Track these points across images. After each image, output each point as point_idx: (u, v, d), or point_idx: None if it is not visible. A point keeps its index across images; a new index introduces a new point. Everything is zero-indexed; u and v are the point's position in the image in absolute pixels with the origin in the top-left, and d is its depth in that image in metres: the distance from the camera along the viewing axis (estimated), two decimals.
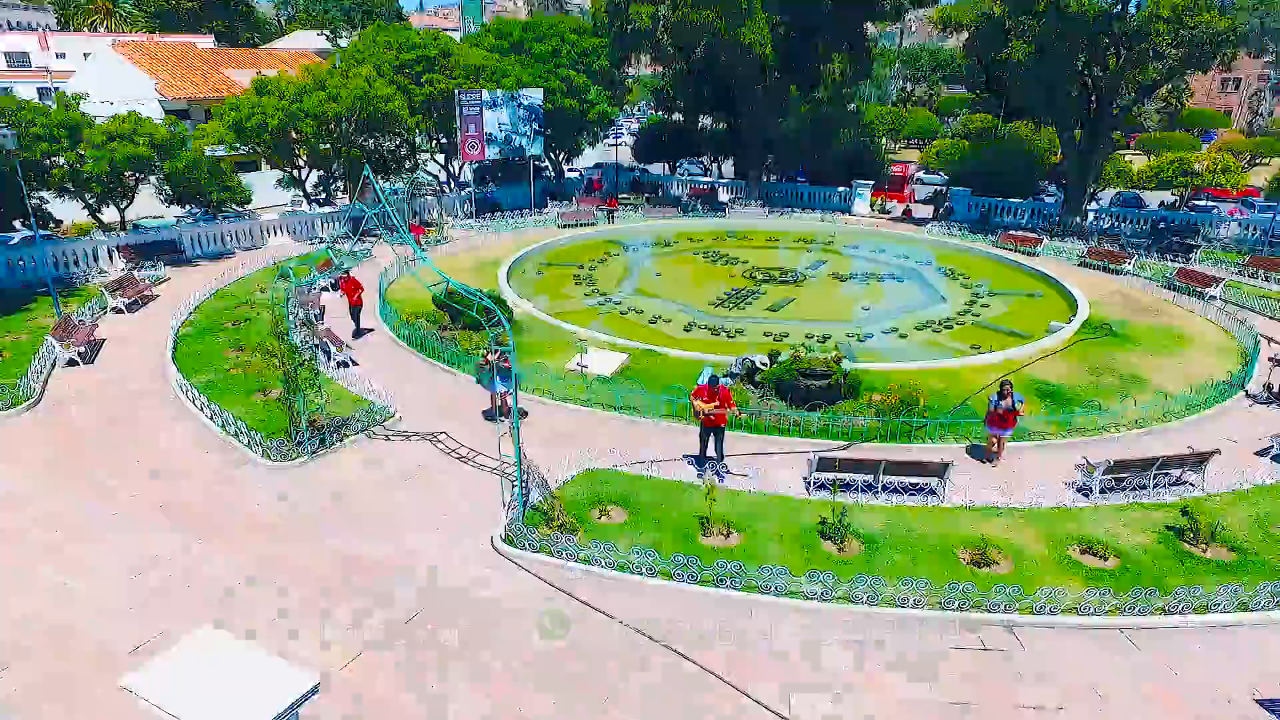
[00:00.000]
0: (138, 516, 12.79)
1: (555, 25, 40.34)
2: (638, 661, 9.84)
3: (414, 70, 34.29)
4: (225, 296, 24.27)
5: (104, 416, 16.31)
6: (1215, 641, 10.36)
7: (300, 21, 73.61)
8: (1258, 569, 11.69)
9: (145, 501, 13.21)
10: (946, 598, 10.62)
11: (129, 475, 14.02)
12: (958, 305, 24.64)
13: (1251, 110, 74.50)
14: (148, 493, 13.46)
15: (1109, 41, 33.08)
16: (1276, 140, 63.71)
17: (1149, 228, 37.04)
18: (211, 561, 11.67)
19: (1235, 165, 46.04)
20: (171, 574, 11.36)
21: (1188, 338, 22.03)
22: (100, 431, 15.69)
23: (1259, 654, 10.14)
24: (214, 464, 14.47)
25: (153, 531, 12.38)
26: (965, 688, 9.48)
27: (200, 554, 11.83)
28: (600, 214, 37.00)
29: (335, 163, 33.01)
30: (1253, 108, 74.46)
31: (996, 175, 40.62)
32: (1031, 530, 12.58)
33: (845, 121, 44.17)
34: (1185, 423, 16.71)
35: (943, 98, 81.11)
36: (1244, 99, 79.44)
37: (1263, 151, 59.89)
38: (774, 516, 12.89)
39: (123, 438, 15.44)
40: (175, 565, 11.56)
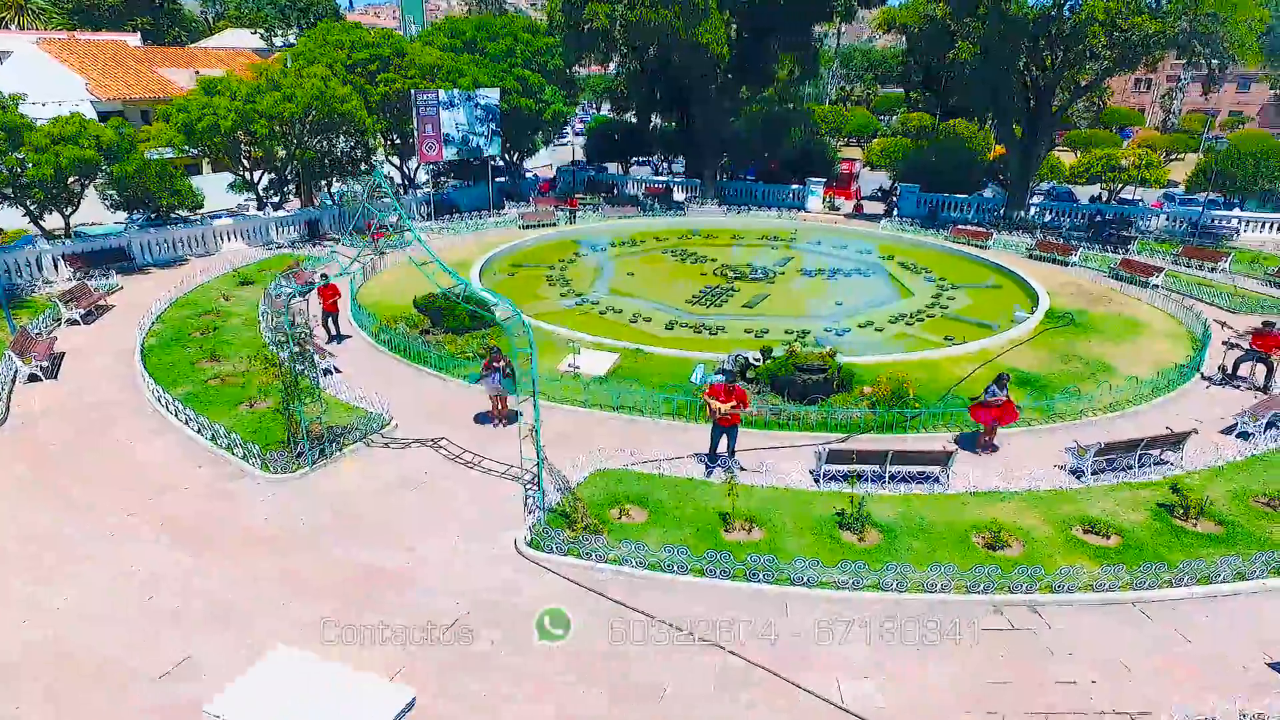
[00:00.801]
0: (135, 535, 12.24)
1: (508, 24, 39.96)
2: (685, 658, 9.89)
3: (368, 70, 33.51)
4: (187, 305, 23.32)
5: (78, 433, 15.54)
6: (1217, 610, 10.96)
7: (230, 19, 70.89)
8: (1245, 540, 12.41)
9: (140, 519, 12.65)
10: (972, 581, 10.99)
11: (116, 493, 13.39)
12: (925, 299, 25.38)
13: (1164, 109, 78.69)
14: (141, 510, 12.89)
15: (1047, 43, 34.55)
16: (1189, 137, 67.63)
17: (1086, 221, 38.81)
18: (225, 579, 11.26)
19: (1158, 161, 48.61)
20: (184, 593, 10.92)
21: (1141, 324, 23.18)
22: (76, 448, 14.95)
23: (1257, 620, 10.76)
24: (207, 478, 13.94)
25: (155, 550, 11.87)
26: (1001, 667, 9.83)
27: (211, 571, 11.40)
28: (562, 214, 36.83)
29: (289, 165, 32.04)
30: (1165, 106, 78.64)
31: (939, 172, 41.92)
32: (1035, 513, 13.09)
33: (795, 120, 45.01)
34: (1152, 405, 17.58)
35: (879, 96, 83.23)
36: (1155, 98, 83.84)
37: (1178, 148, 63.33)
38: (789, 509, 13.10)
39: (102, 454, 14.74)
40: (187, 584, 11.11)
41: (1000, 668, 9.81)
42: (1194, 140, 64.39)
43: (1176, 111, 76.59)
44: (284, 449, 14.37)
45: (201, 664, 9.61)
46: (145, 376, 17.39)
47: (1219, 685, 9.54)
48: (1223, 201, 41.91)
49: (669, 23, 33.69)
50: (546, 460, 12.78)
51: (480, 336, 20.54)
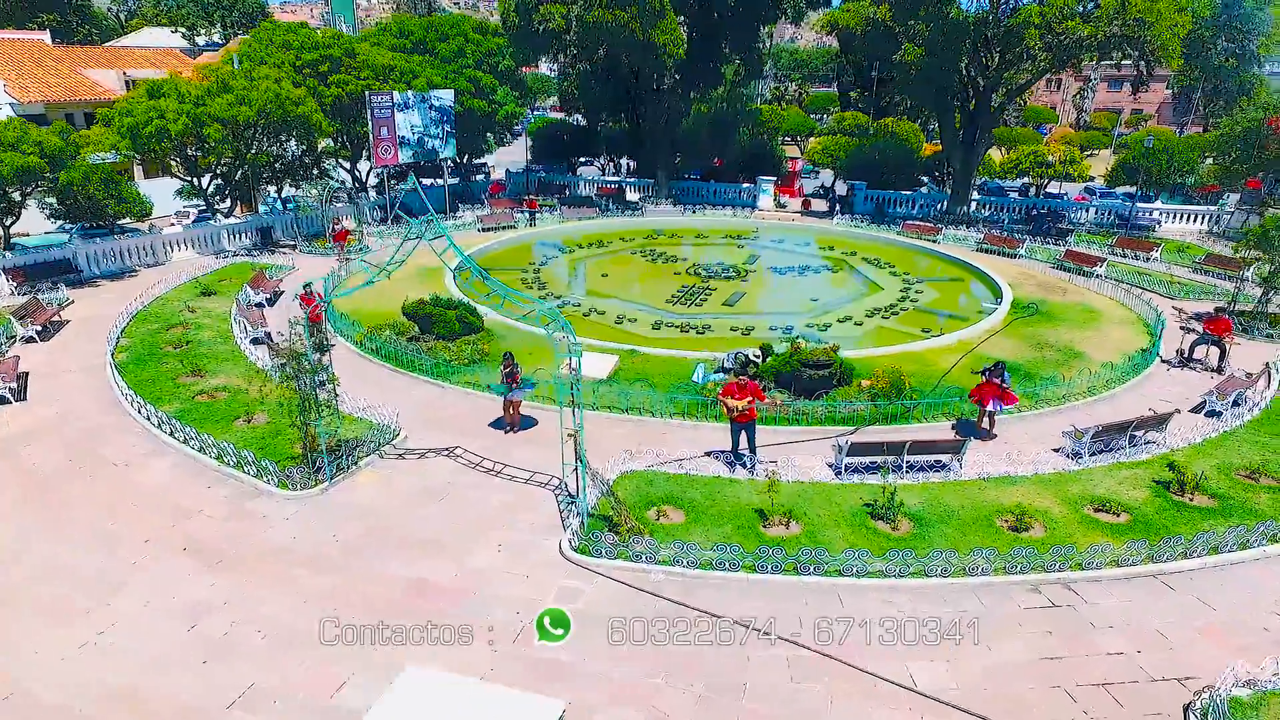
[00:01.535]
0: (160, 562, 11.70)
1: (458, 24, 39.36)
2: (756, 654, 10.07)
3: (318, 71, 32.51)
4: (150, 318, 22.22)
5: (68, 457, 14.69)
6: (1227, 578, 11.75)
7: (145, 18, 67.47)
8: (1238, 511, 13.31)
9: (161, 545, 12.09)
10: (1010, 563, 11.51)
11: (128, 519, 12.75)
12: (894, 293, 26.22)
13: (1076, 107, 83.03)
14: (160, 536, 12.31)
15: (986, 45, 36.11)
16: (1101, 134, 71.65)
17: (1023, 215, 40.70)
18: (268, 602, 10.88)
19: (1080, 156, 51.36)
20: (230, 620, 10.50)
21: (1097, 312, 24.51)
22: (70, 474, 14.14)
23: (1265, 585, 11.56)
24: (221, 498, 13.40)
25: (186, 576, 11.37)
26: (1051, 642, 10.35)
27: (251, 595, 10.99)
28: (521, 216, 36.51)
29: (238, 169, 30.83)
30: (1076, 105, 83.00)
31: (882, 170, 43.24)
32: (1047, 495, 13.76)
33: (744, 120, 45.73)
34: (1125, 388, 18.66)
35: (810, 96, 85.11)
36: (1066, 97, 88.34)
37: (1092, 144, 66.93)
38: (818, 502, 13.42)
39: (100, 479, 13.99)
40: (230, 610, 10.69)
41: (1052, 643, 10.32)
42: (1106, 137, 68.12)
43: (1087, 110, 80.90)
44: (299, 465, 13.92)
45: (267, 690, 9.30)
46: (131, 395, 16.52)
47: (1247, 647, 10.25)
48: (1139, 195, 44.63)
49: (626, 24, 33.82)
50: (581, 463, 12.75)
51: (471, 342, 20.28)
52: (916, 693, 9.43)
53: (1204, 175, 44.04)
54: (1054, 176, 50.31)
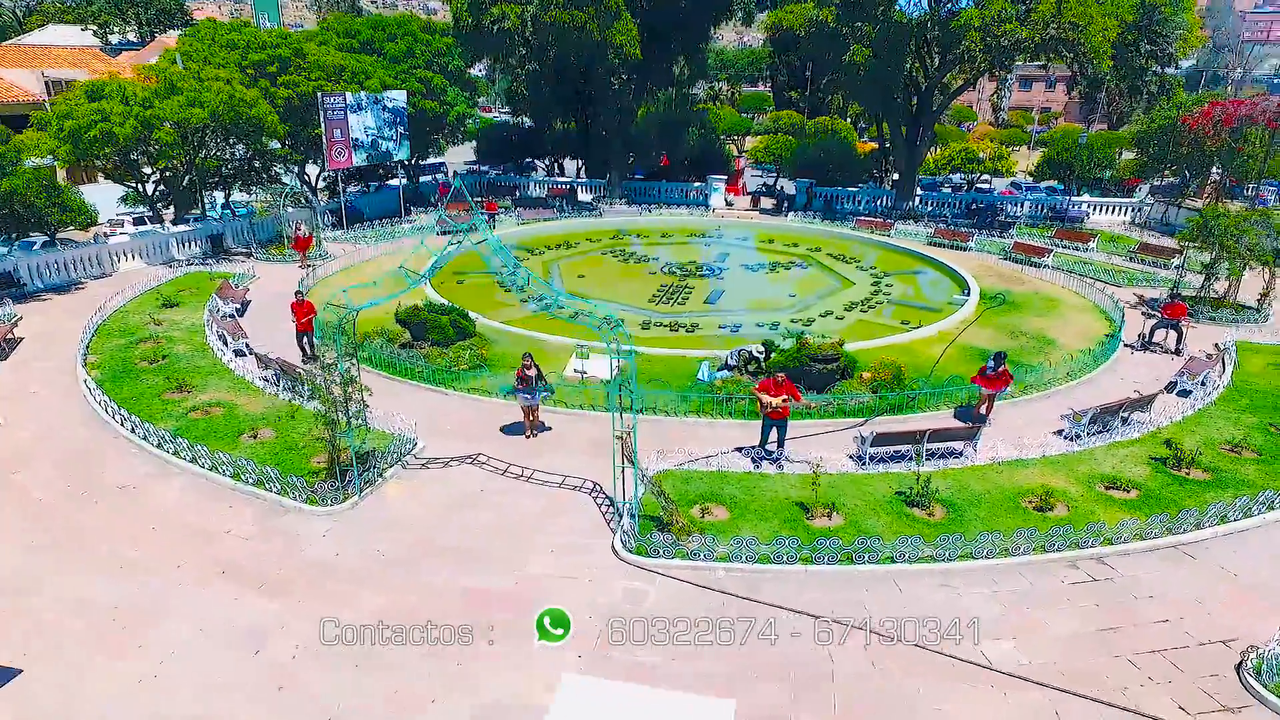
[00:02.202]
0: (200, 587, 11.13)
1: (405, 23, 38.45)
2: (833, 643, 10.27)
3: (267, 71, 31.26)
4: (114, 333, 21.02)
5: (66, 482, 13.81)
6: (1238, 544, 12.55)
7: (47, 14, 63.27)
8: (1233, 483, 14.26)
9: (194, 569, 11.51)
10: (1049, 542, 12.07)
11: (150, 544, 12.09)
12: (866, 287, 26.96)
13: (993, 105, 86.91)
14: (190, 560, 11.71)
15: (928, 47, 37.51)
16: (1018, 130, 75.30)
17: (964, 209, 42.39)
18: (328, 622, 10.48)
19: (1007, 152, 53.89)
20: (294, 643, 10.08)
21: (1056, 300, 25.79)
22: (72, 500, 13.30)
23: (1274, 550, 12.46)
24: (246, 518, 12.83)
25: (232, 601, 10.86)
26: (1102, 615, 10.89)
27: (308, 616, 10.57)
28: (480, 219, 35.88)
29: (186, 175, 29.41)
30: (994, 103, 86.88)
31: (826, 167, 44.34)
32: (1060, 475, 14.45)
33: (693, 120, 46.18)
34: (1100, 372, 19.72)
35: (742, 96, 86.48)
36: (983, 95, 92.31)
37: (1013, 140, 70.22)
38: (851, 492, 13.75)
39: (106, 504, 13.21)
40: (290, 634, 10.26)
41: (1102, 616, 10.87)
42: (1025, 134, 71.56)
43: (1004, 108, 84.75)
44: (325, 479, 13.45)
45: (354, 713, 8.98)
46: (124, 414, 15.60)
47: (1277, 608, 11.04)
48: (1062, 188, 47.13)
49: (584, 24, 33.72)
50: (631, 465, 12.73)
51: (465, 347, 19.92)
52: (995, 670, 9.81)
53: (1121, 170, 46.86)
54: (985, 172, 52.76)
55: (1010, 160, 53.47)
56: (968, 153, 52.35)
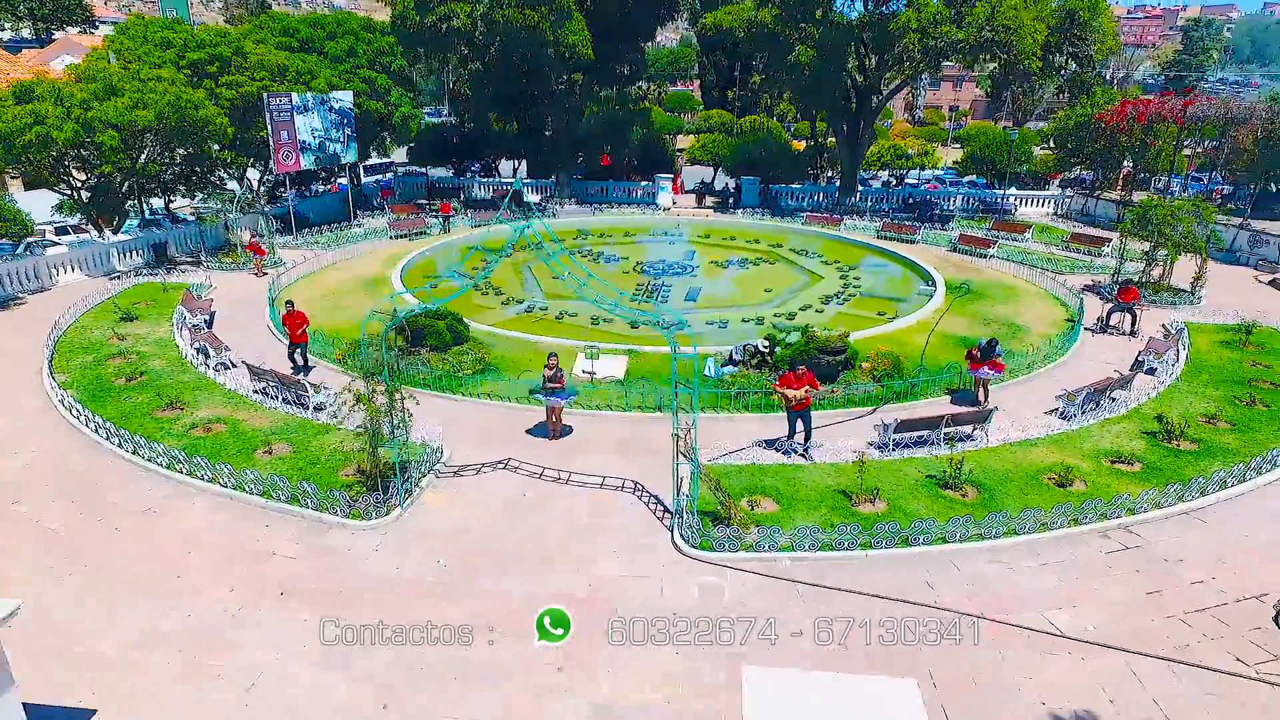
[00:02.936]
0: (263, 610, 10.64)
1: (344, 22, 37.22)
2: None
3: (208, 71, 29.75)
4: (73, 350, 19.72)
5: (75, 510, 12.93)
6: (1240, 508, 13.58)
7: None
8: (1219, 452, 15.43)
9: (251, 592, 10.98)
10: (1081, 515, 12.81)
11: (192, 570, 11.48)
12: (834, 281, 27.75)
13: (908, 104, 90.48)
14: (244, 583, 11.18)
15: (865, 48, 38.87)
16: (934, 127, 78.78)
17: (902, 204, 44.07)
18: (410, 637, 10.18)
19: (932, 149, 56.38)
20: (383, 662, 9.77)
21: (1013, 288, 27.19)
22: (89, 529, 12.47)
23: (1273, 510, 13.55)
24: (287, 537, 12.32)
25: (302, 622, 10.43)
26: (1144, 579, 11.64)
27: (388, 632, 10.25)
28: (434, 222, 35.21)
29: (124, 181, 27.71)
30: (909, 102, 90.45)
31: (765, 165, 45.29)
32: (1068, 452, 15.31)
33: (637, 120, 46.36)
34: (1071, 354, 20.94)
35: (668, 94, 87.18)
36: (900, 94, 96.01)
37: (931, 137, 73.36)
38: (884, 478, 14.21)
39: (129, 531, 12.44)
40: (376, 652, 9.93)
41: (1145, 580, 11.62)
42: (942, 131, 74.85)
43: (920, 106, 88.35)
44: (358, 493, 13.01)
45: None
46: (125, 435, 14.67)
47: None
48: (983, 183, 49.59)
49: (537, 24, 33.48)
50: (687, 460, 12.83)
51: (462, 352, 19.55)
52: (1067, 637, 10.38)
53: (1036, 164, 49.58)
54: (911, 168, 54.99)
55: (935, 156, 56.01)
56: (895, 149, 54.39)
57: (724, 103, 65.23)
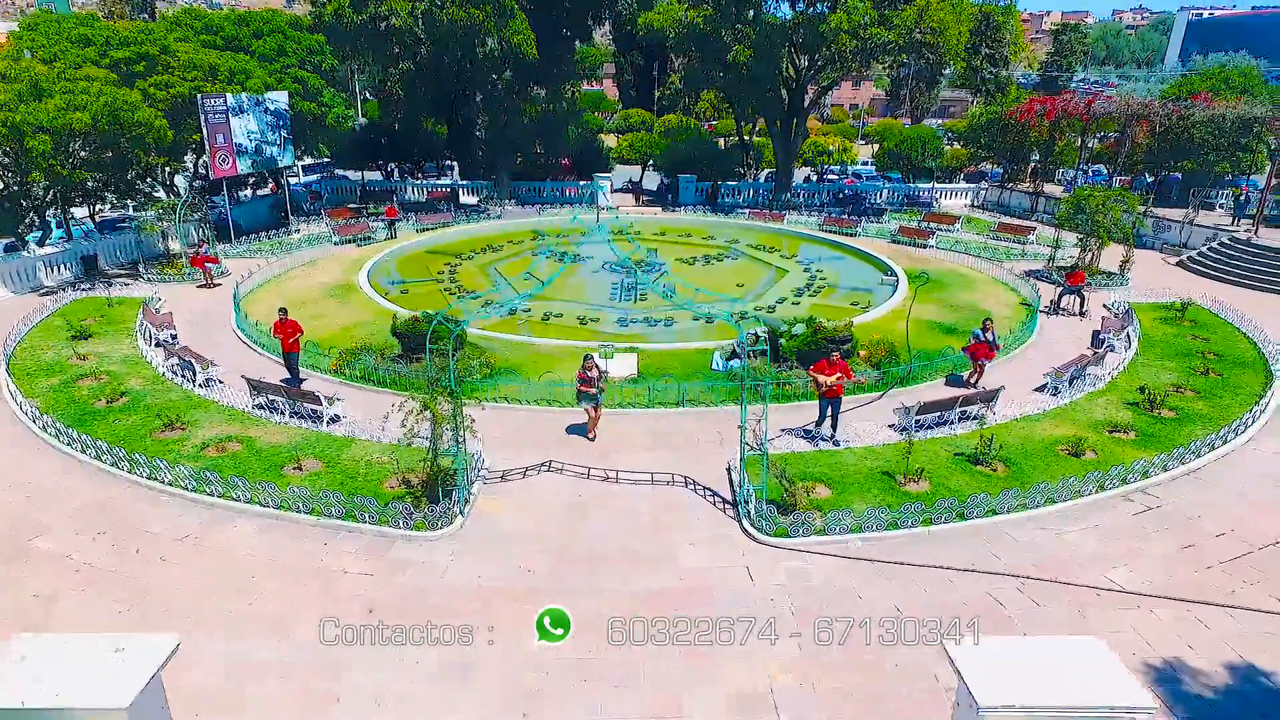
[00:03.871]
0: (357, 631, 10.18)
1: (271, 19, 35.48)
2: (991, 588, 11.24)
3: (134, 70, 27.81)
4: (31, 372, 18.19)
5: (107, 543, 12.02)
6: (1228, 468, 14.91)
7: None
8: (1198, 419, 16.87)
9: (337, 612, 10.49)
10: (1107, 481, 13.81)
11: (263, 594, 10.90)
12: (800, 275, 28.56)
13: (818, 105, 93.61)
14: (325, 606, 10.68)
15: (796, 49, 40.16)
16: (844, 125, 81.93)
17: (833, 198, 45.68)
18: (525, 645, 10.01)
19: (850, 145, 58.66)
20: (499, 668, 9.58)
21: (966, 276, 28.72)
22: (129, 561, 11.63)
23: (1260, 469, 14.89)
24: (350, 554, 11.85)
25: (405, 639, 10.04)
26: (1176, 535, 12.67)
27: (503, 641, 10.02)
28: (379, 225, 34.06)
29: (51, 189, 25.63)
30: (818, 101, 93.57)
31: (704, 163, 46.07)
32: (1070, 425, 16.40)
33: (571, 120, 46.18)
34: (1037, 335, 22.35)
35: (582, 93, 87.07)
36: None
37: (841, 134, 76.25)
38: (917, 459, 14.86)
39: (175, 560, 11.68)
40: (495, 664, 9.71)
41: (1177, 536, 12.66)
42: (852, 129, 77.89)
43: (828, 105, 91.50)
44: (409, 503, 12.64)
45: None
46: (141, 459, 13.66)
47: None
48: (898, 177, 52.04)
49: (481, 23, 32.93)
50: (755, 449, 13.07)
51: (465, 357, 19.13)
52: (1130, 593, 11.21)
53: (948, 159, 52.38)
54: (831, 164, 57.02)
55: (853, 152, 58.26)
56: (817, 146, 56.28)
57: (643, 102, 65.79)
